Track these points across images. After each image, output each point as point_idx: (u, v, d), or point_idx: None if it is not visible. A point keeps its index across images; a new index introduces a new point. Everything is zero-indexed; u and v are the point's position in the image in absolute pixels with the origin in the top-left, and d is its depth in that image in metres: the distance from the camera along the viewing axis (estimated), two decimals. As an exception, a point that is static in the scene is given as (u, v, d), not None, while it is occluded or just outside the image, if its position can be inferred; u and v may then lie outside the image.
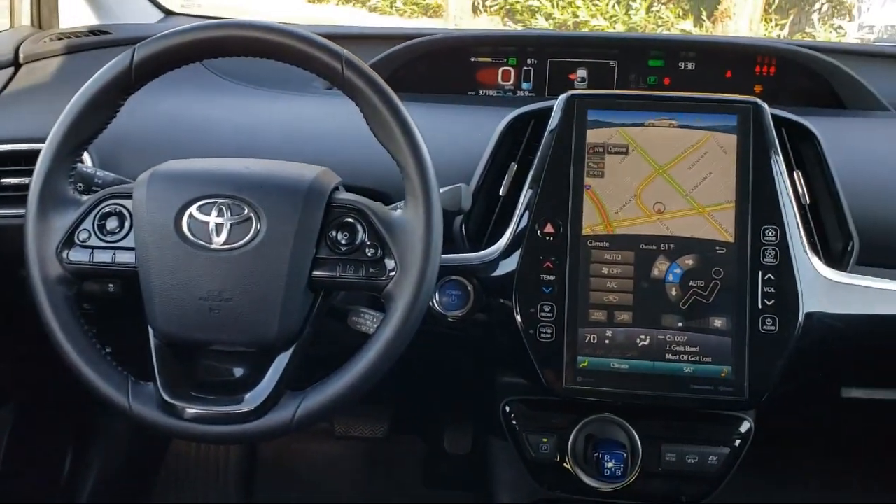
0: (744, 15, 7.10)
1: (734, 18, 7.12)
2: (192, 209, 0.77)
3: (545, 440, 0.97)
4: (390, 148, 0.78)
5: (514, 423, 0.99)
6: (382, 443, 1.61)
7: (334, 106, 1.09)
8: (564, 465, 0.97)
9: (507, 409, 1.00)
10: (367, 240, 0.78)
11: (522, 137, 0.99)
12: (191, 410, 0.77)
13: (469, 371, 1.14)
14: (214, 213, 0.77)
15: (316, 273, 0.78)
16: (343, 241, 0.79)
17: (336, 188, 0.82)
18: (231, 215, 0.77)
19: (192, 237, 0.77)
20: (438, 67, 1.28)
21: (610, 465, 0.93)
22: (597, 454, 0.94)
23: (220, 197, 0.77)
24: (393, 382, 0.81)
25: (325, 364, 0.78)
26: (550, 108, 0.95)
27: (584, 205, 0.92)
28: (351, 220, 0.79)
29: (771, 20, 7.38)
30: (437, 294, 0.91)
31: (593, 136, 0.93)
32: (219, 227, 0.77)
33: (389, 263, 0.78)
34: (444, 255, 0.83)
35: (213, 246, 0.76)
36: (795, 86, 1.18)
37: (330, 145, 1.05)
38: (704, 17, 7.51)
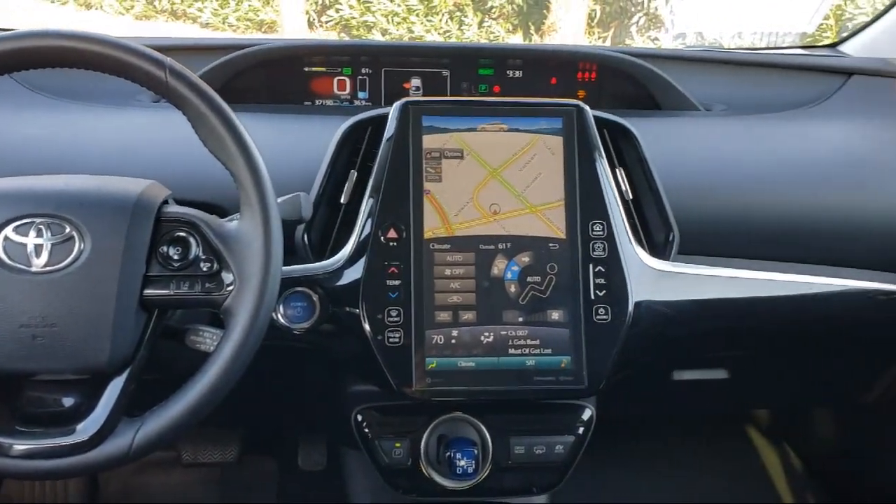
0: (569, 29, 7.45)
1: (560, 32, 7.46)
2: (8, 231, 0.72)
3: (398, 445, 0.97)
4: (222, 158, 0.75)
5: (367, 430, 0.99)
6: (234, 467, 1.55)
7: (162, 118, 1.05)
8: (419, 467, 0.97)
9: (359, 417, 1.00)
10: (201, 254, 0.76)
11: (361, 145, 0.99)
12: (18, 447, 0.71)
13: (319, 383, 1.13)
14: (33, 233, 0.72)
15: (148, 291, 0.75)
16: (176, 257, 0.76)
17: (166, 201, 0.79)
18: (51, 235, 0.72)
19: (8, 261, 0.71)
20: (273, 77, 1.26)
21: (462, 463, 0.94)
22: (448, 454, 0.95)
23: (37, 216, 0.73)
24: (239, 401, 0.79)
25: (165, 387, 0.75)
26: (386, 116, 0.96)
27: (425, 209, 0.93)
28: (183, 233, 0.76)
29: (594, 33, 7.78)
30: (280, 307, 0.90)
31: (429, 141, 0.95)
32: (38, 248, 0.72)
33: (227, 277, 0.75)
34: (286, 267, 0.82)
35: (32, 269, 0.71)
36: (615, 89, 1.25)
37: (158, 158, 1.01)
38: (533, 32, 7.82)
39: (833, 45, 1.45)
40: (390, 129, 0.95)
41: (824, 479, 1.66)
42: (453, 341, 0.92)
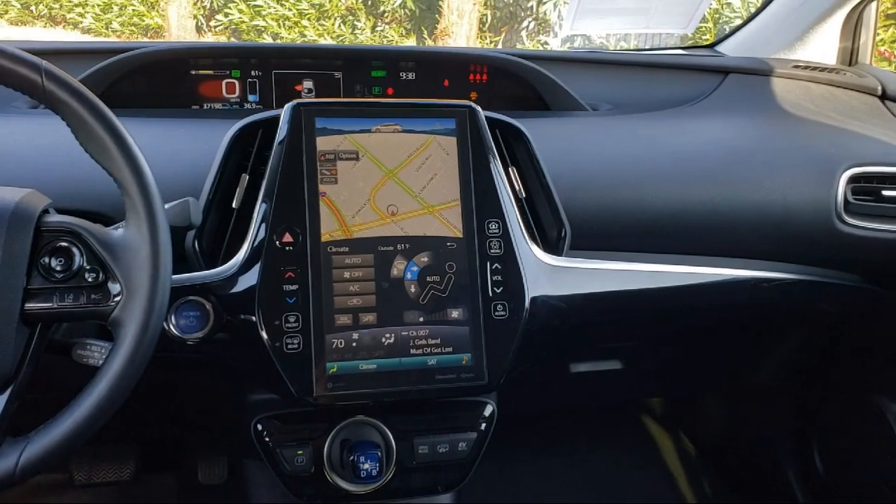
0: (461, 33, 7.55)
1: (453, 37, 7.55)
2: None
3: (300, 452, 0.96)
4: (105, 163, 0.72)
5: (268, 440, 0.97)
6: (131, 485, 1.49)
7: (41, 124, 1.00)
8: (322, 474, 0.96)
9: (259, 427, 0.97)
10: (85, 264, 0.72)
11: (252, 148, 0.97)
12: None
13: (216, 394, 1.10)
14: None
15: (29, 305, 0.71)
16: (58, 268, 0.72)
17: (46, 210, 0.75)
18: None
19: None
20: (159, 82, 1.22)
21: (366, 466, 0.94)
22: (352, 458, 0.94)
23: None
24: (132, 416, 0.76)
25: (52, 405, 0.71)
26: (278, 118, 0.95)
27: (321, 212, 0.92)
28: (65, 243, 0.73)
29: (486, 37, 7.90)
30: (172, 317, 0.87)
31: (323, 143, 0.94)
32: None
33: (114, 287, 0.72)
34: (177, 276, 0.79)
35: None
36: (506, 91, 1.27)
37: (37, 166, 0.96)
38: (426, 36, 7.87)
39: (711, 46, 1.52)
40: (282, 131, 0.93)
41: (716, 462, 1.74)
42: (354, 344, 0.91)
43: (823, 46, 1.37)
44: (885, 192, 1.14)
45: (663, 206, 1.09)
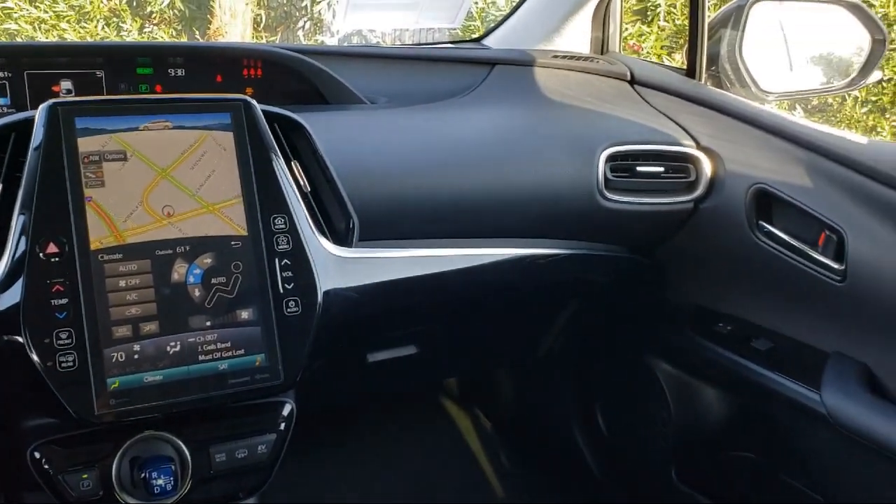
0: (235, 34, 7.33)
1: (227, 37, 7.31)
2: None
3: (85, 476, 0.89)
4: None
5: (47, 467, 0.89)
6: None
7: None
8: (112, 496, 0.90)
9: (37, 454, 0.89)
10: None
11: (4, 155, 0.88)
12: None
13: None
14: None
15: None
16: None
17: None
18: None
19: None
20: None
21: (159, 481, 0.89)
22: (144, 475, 0.89)
23: None
24: None
25: None
26: (32, 120, 0.87)
27: (88, 217, 0.86)
28: None
29: (261, 38, 7.74)
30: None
31: (85, 144, 0.88)
32: None
33: None
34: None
35: None
36: (283, 86, 1.26)
37: None
38: (199, 37, 7.57)
39: (478, 40, 1.59)
40: (38, 134, 0.86)
41: (511, 435, 1.83)
42: (136, 356, 0.86)
43: (578, 37, 1.48)
44: (640, 168, 1.25)
45: (443, 193, 1.13)
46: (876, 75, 1.45)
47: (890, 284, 1.05)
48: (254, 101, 0.96)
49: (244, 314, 0.91)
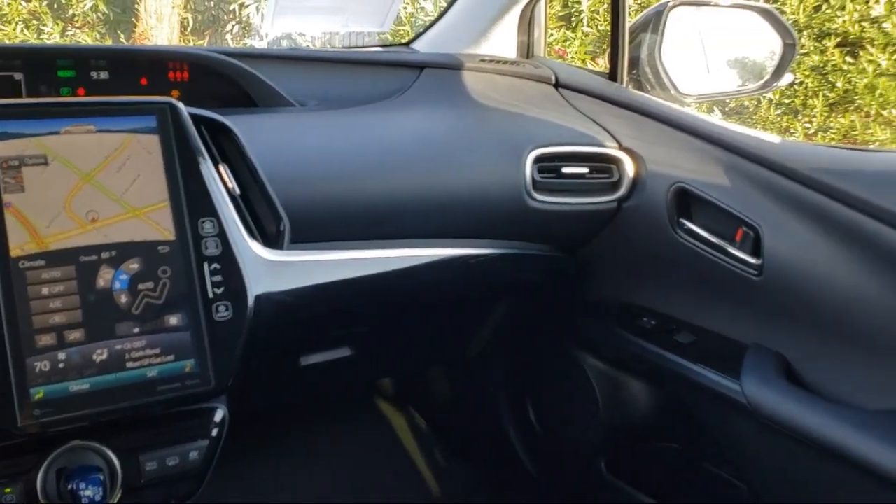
0: (162, 37, 7.18)
1: (153, 41, 7.15)
2: None
3: (8, 490, 0.87)
4: None
5: None
6: None
7: None
8: None
9: None
10: None
11: None
12: None
13: None
14: None
15: None
16: None
17: None
18: None
19: None
20: None
21: (87, 493, 0.87)
22: (70, 486, 0.87)
23: None
24: None
25: None
26: None
27: (8, 224, 0.84)
28: None
29: (189, 41, 7.59)
30: None
31: (4, 149, 0.85)
32: None
33: None
34: None
35: None
36: (210, 89, 1.24)
37: None
38: (124, 41, 7.38)
39: (407, 44, 1.60)
40: None
41: (446, 434, 1.85)
42: (61, 365, 0.84)
43: (504, 41, 1.51)
44: (565, 170, 1.28)
45: (375, 195, 1.14)
46: (787, 78, 1.52)
47: (803, 277, 1.10)
48: (180, 104, 0.95)
49: (173, 320, 0.90)
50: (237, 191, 0.99)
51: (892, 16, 4.47)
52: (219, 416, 0.99)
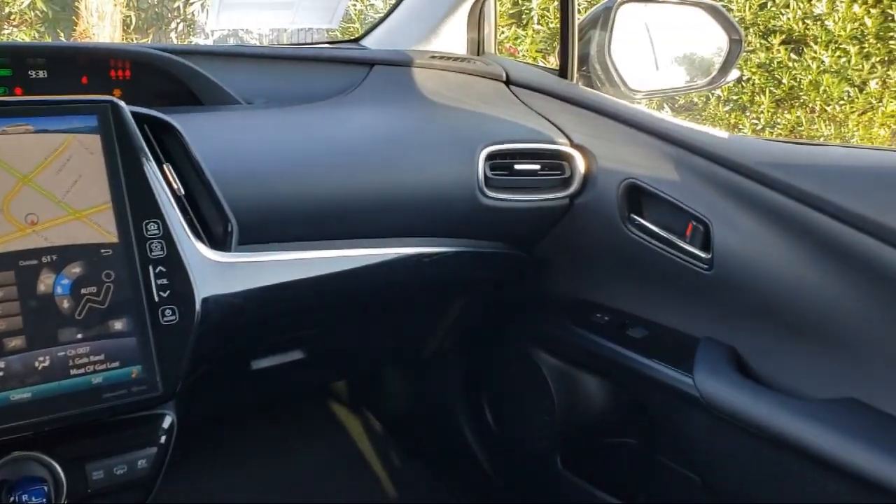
0: (104, 36, 7.02)
1: (94, 40, 6.99)
2: None
3: None
4: None
5: None
6: None
7: None
8: None
9: None
10: None
11: None
12: None
13: None
14: None
15: None
16: None
17: None
18: None
19: None
20: None
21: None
22: (13, 498, 0.84)
23: None
24: None
25: None
26: None
27: None
28: None
29: (132, 40, 7.44)
30: None
31: (-63, 150, 0.82)
32: None
33: None
34: None
35: None
36: (154, 87, 1.21)
37: None
38: (64, 39, 7.21)
39: (356, 40, 1.58)
40: None
41: (401, 435, 1.84)
42: (1, 374, 0.81)
43: (454, 38, 1.50)
44: (517, 167, 1.28)
45: (326, 194, 1.12)
46: (734, 74, 1.54)
47: (752, 271, 1.12)
48: (121, 103, 0.92)
49: (118, 325, 0.87)
50: (182, 191, 0.97)
51: (834, 14, 4.59)
52: (167, 422, 0.97)
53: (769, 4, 4.82)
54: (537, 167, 1.30)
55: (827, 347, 1.07)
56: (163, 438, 0.96)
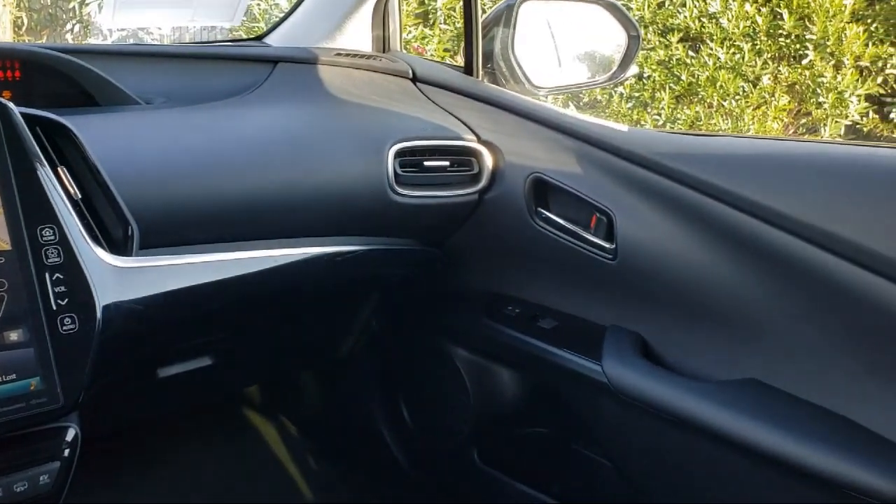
0: (-6, 36, 6.70)
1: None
2: None
3: None
4: None
5: None
6: None
7: None
8: None
9: None
10: None
11: None
12: None
13: None
14: None
15: None
16: None
17: None
18: None
19: None
20: None
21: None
22: None
23: None
24: None
25: None
26: None
27: None
28: None
29: (23, 41, 7.12)
30: None
31: None
32: None
33: None
34: None
35: None
36: (47, 88, 1.16)
37: None
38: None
39: (259, 38, 1.56)
40: None
41: (319, 438, 1.82)
42: None
43: (360, 35, 1.50)
44: (427, 163, 1.29)
45: (231, 195, 1.10)
46: (633, 70, 1.59)
47: (654, 259, 1.16)
48: (9, 104, 0.88)
49: (13, 336, 0.84)
50: (79, 195, 0.93)
51: (728, 12, 4.77)
52: (70, 435, 0.93)
53: (667, 3, 4.99)
54: (447, 164, 1.31)
55: (727, 330, 1.12)
56: (66, 452, 0.92)
